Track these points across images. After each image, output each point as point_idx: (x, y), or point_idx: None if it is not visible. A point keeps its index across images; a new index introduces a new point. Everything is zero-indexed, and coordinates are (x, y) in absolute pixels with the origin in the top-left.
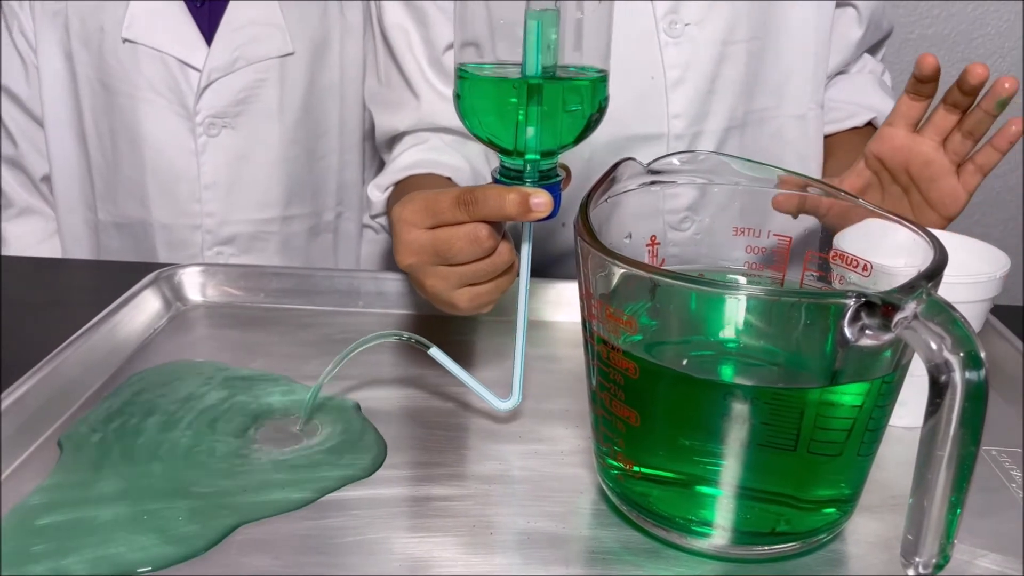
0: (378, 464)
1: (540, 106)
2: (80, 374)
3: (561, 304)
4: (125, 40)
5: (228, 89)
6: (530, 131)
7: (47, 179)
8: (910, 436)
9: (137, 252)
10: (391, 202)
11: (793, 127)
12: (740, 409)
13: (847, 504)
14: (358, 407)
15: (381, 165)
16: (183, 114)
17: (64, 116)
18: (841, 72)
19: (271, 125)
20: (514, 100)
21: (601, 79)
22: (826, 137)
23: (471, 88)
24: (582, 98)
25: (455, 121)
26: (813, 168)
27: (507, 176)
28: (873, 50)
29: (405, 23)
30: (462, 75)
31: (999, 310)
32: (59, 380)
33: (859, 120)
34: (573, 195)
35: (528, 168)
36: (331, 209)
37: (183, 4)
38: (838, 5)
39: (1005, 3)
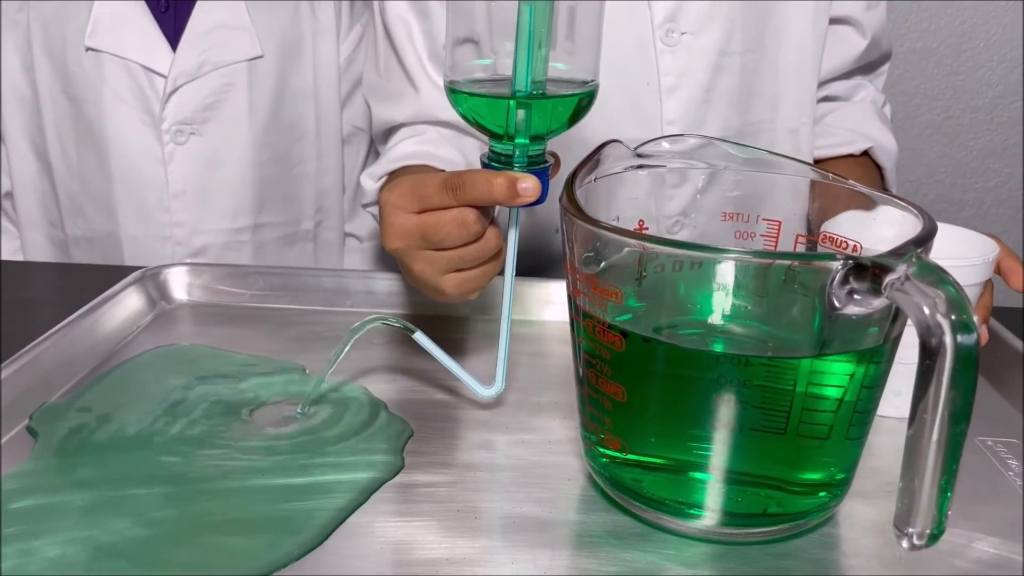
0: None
1: (530, 89)
2: (58, 368)
3: (550, 303)
4: (88, 48)
5: (195, 94)
6: (520, 114)
7: (10, 196)
8: (904, 427)
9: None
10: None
11: (786, 140)
12: (727, 378)
13: (838, 488)
14: (368, 392)
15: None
16: (149, 121)
17: (24, 130)
18: (841, 99)
19: (241, 130)
20: (504, 82)
21: (592, 65)
22: (821, 161)
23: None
24: (572, 82)
25: (453, 115)
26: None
27: (496, 161)
28: (870, 73)
29: (407, 15)
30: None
31: (998, 312)
32: (35, 373)
33: (856, 148)
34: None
35: (517, 153)
36: (310, 218)
37: (147, 9)
38: (836, 22)
39: (994, 14)
